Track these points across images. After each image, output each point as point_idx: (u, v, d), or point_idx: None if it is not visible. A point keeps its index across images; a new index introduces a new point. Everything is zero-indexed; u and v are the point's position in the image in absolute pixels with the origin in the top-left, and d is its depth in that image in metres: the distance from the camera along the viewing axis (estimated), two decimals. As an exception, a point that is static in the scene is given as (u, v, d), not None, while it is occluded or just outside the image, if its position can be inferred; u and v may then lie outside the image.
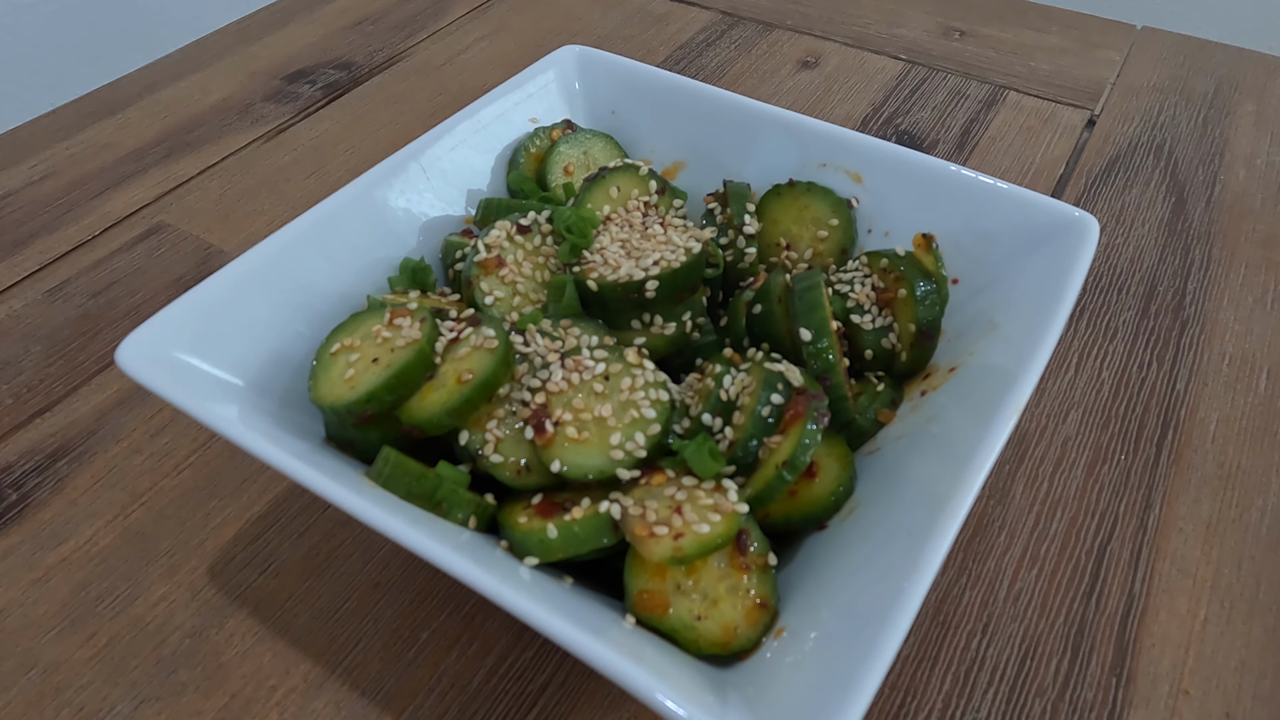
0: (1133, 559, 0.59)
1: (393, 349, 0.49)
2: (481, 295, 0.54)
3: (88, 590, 0.58)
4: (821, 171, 0.62)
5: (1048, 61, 1.05)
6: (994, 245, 0.58)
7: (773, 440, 0.46)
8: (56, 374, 0.72)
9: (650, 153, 0.69)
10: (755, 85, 1.02)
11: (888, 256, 0.56)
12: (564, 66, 0.69)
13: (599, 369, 0.47)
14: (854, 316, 0.56)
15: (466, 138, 0.64)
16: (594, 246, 0.55)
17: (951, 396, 0.51)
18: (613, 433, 0.45)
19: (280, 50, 1.09)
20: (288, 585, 0.57)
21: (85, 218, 0.87)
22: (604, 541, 0.44)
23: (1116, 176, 0.89)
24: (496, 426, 0.48)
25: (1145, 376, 0.70)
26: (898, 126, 0.96)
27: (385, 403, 0.47)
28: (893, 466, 0.49)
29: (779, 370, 0.48)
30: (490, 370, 0.47)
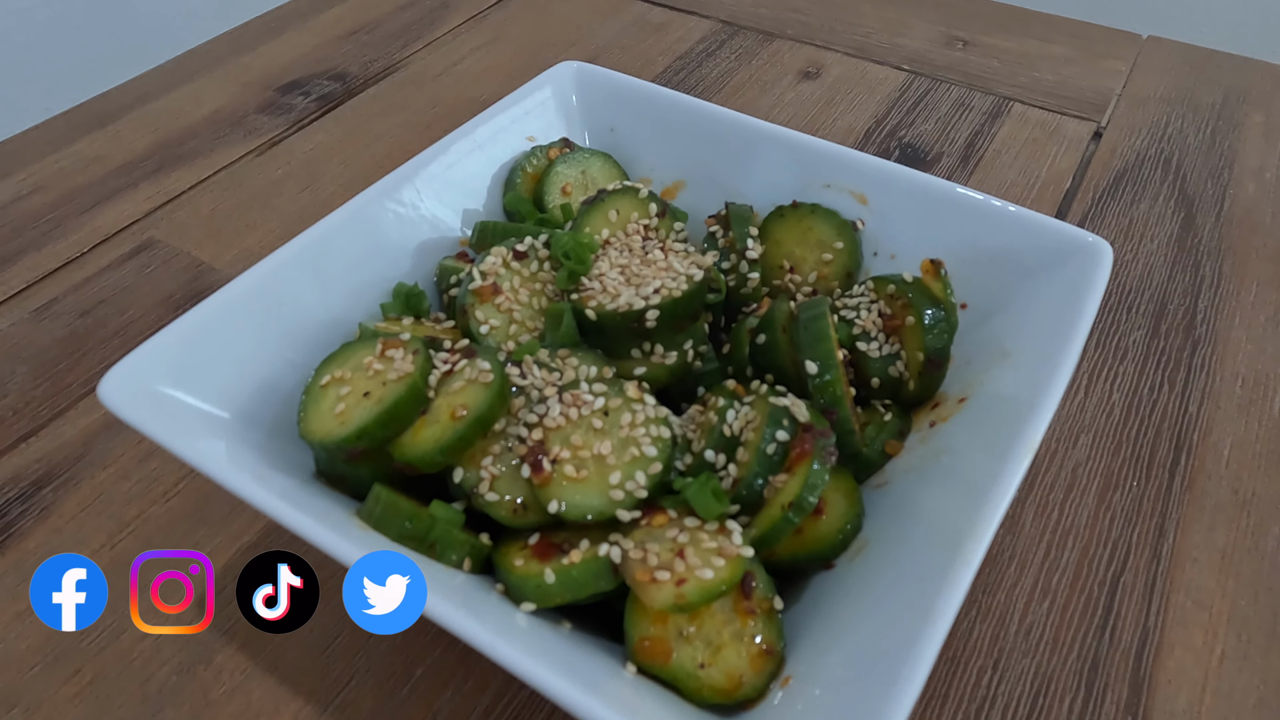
0: (1146, 591, 0.57)
1: (384, 382, 0.47)
2: (477, 324, 0.52)
3: (73, 623, 0.56)
4: (826, 192, 0.61)
5: (1052, 72, 1.04)
6: (1003, 269, 0.56)
7: (778, 479, 0.44)
8: (43, 397, 0.70)
9: (649, 171, 0.67)
10: (756, 96, 1.00)
11: (895, 282, 0.54)
12: (561, 83, 0.67)
13: (598, 404, 0.46)
14: (860, 344, 0.54)
15: (461, 157, 0.63)
16: (593, 272, 0.54)
17: (963, 428, 0.50)
18: (612, 471, 0.44)
19: (274, 60, 1.08)
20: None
21: (74, 233, 0.85)
22: (603, 586, 0.42)
23: (1124, 191, 0.88)
24: (492, 463, 0.46)
25: (1156, 399, 0.69)
26: (901, 139, 0.94)
27: (376, 439, 0.46)
28: (902, 502, 0.48)
29: (784, 405, 0.46)
30: (485, 406, 0.45)
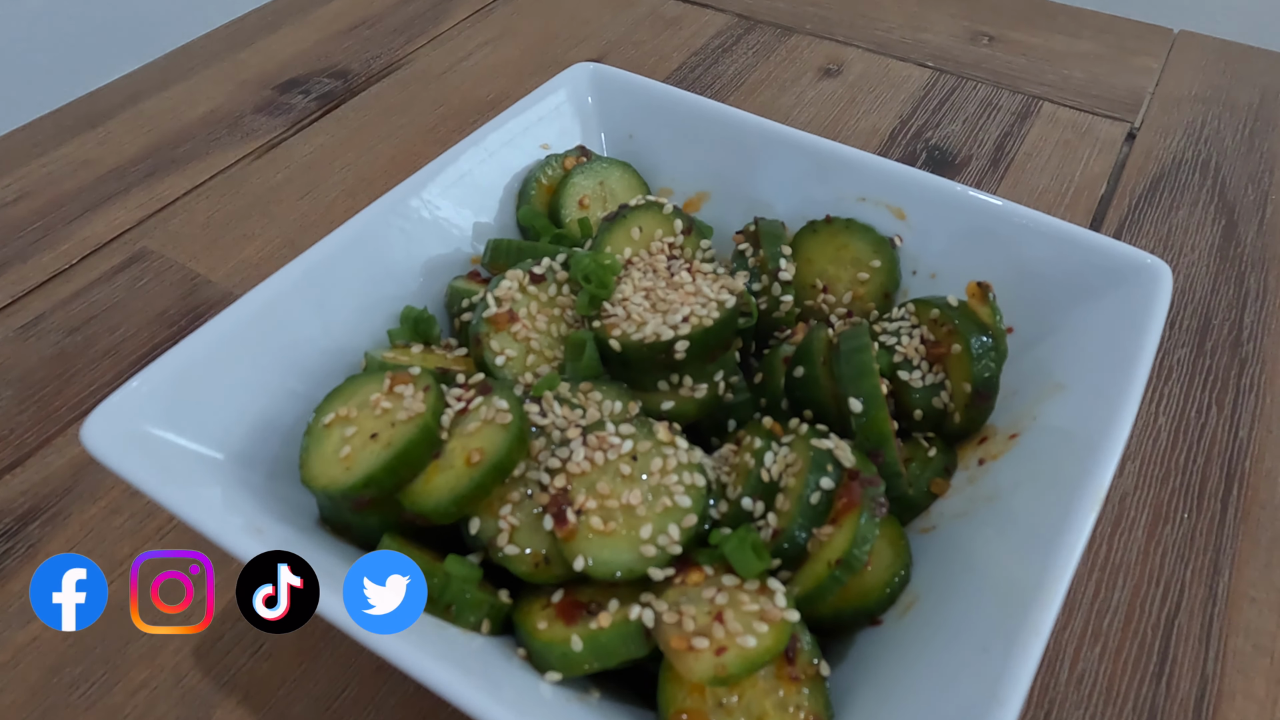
0: (1203, 634, 0.54)
1: (393, 423, 0.43)
2: (492, 355, 0.48)
3: (60, 675, 0.52)
4: (861, 206, 0.57)
5: (1082, 69, 0.99)
6: (1051, 291, 0.53)
7: (823, 531, 0.41)
8: (28, 423, 0.66)
9: (670, 182, 0.63)
10: (775, 95, 0.96)
11: (939, 306, 0.50)
12: (577, 86, 0.63)
13: (626, 447, 0.42)
14: (901, 373, 0.51)
15: (472, 168, 0.59)
16: (615, 296, 0.50)
17: (1016, 468, 0.46)
18: (643, 524, 0.40)
19: (272, 57, 1.03)
20: (281, 669, 0.52)
21: (62, 243, 0.81)
22: (635, 652, 0.39)
23: (1162, 196, 0.84)
24: (511, 512, 0.42)
25: (1205, 422, 0.65)
26: (928, 141, 0.90)
27: (385, 487, 0.42)
28: (953, 550, 0.44)
29: (827, 448, 0.42)
30: (503, 451, 0.41)
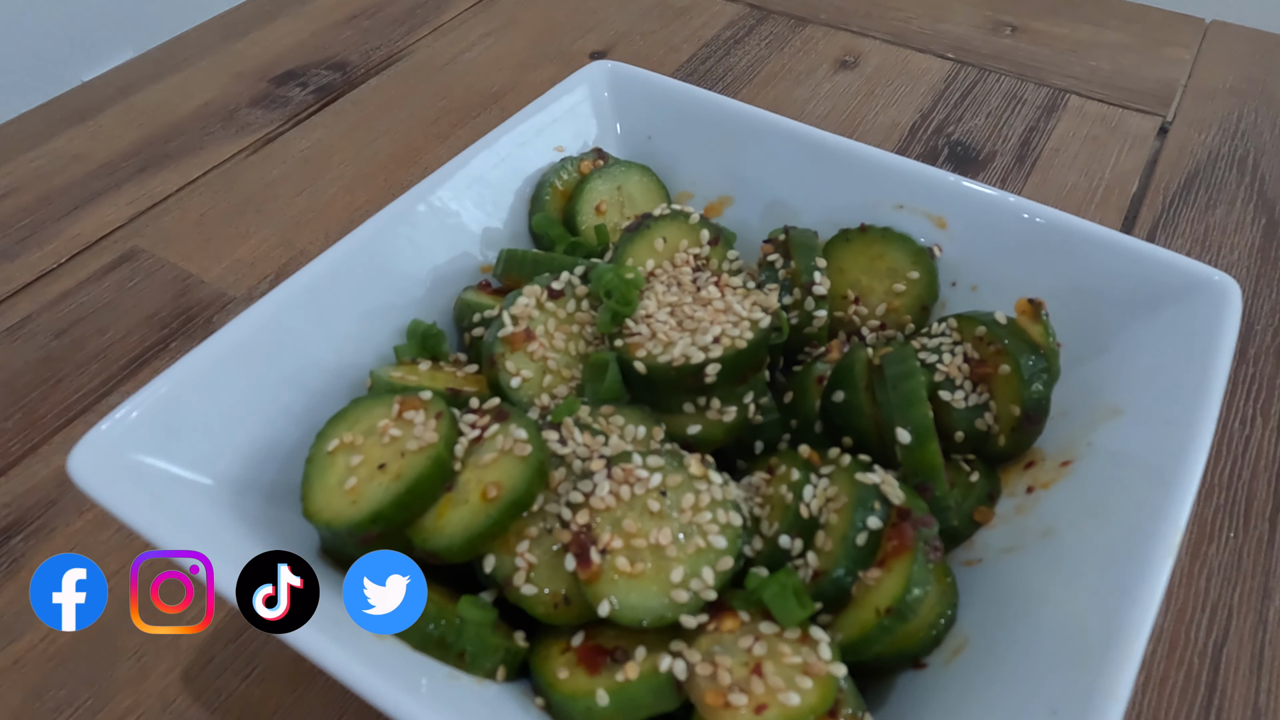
0: (1254, 664, 0.51)
1: (403, 453, 0.40)
2: (507, 376, 0.45)
3: (43, 699, 0.50)
4: (898, 214, 0.53)
5: (1109, 60, 0.96)
6: (1104, 308, 0.49)
7: (870, 575, 0.37)
8: (13, 430, 0.63)
9: (691, 186, 0.60)
10: (789, 88, 0.92)
11: (985, 323, 0.47)
12: (594, 85, 0.60)
13: (654, 481, 0.39)
14: (943, 393, 0.47)
15: (484, 172, 0.55)
16: (638, 313, 0.46)
17: (1073, 499, 0.43)
18: (674, 566, 0.37)
19: (268, 48, 1.00)
20: (274, 694, 0.50)
21: (50, 242, 0.78)
22: (665, 707, 0.36)
23: (1197, 194, 0.80)
24: (529, 549, 0.39)
25: (1249, 434, 0.62)
26: (950, 136, 0.87)
27: (394, 523, 0.39)
28: (1005, 589, 0.41)
29: (873, 483, 0.39)
30: (522, 486, 0.38)
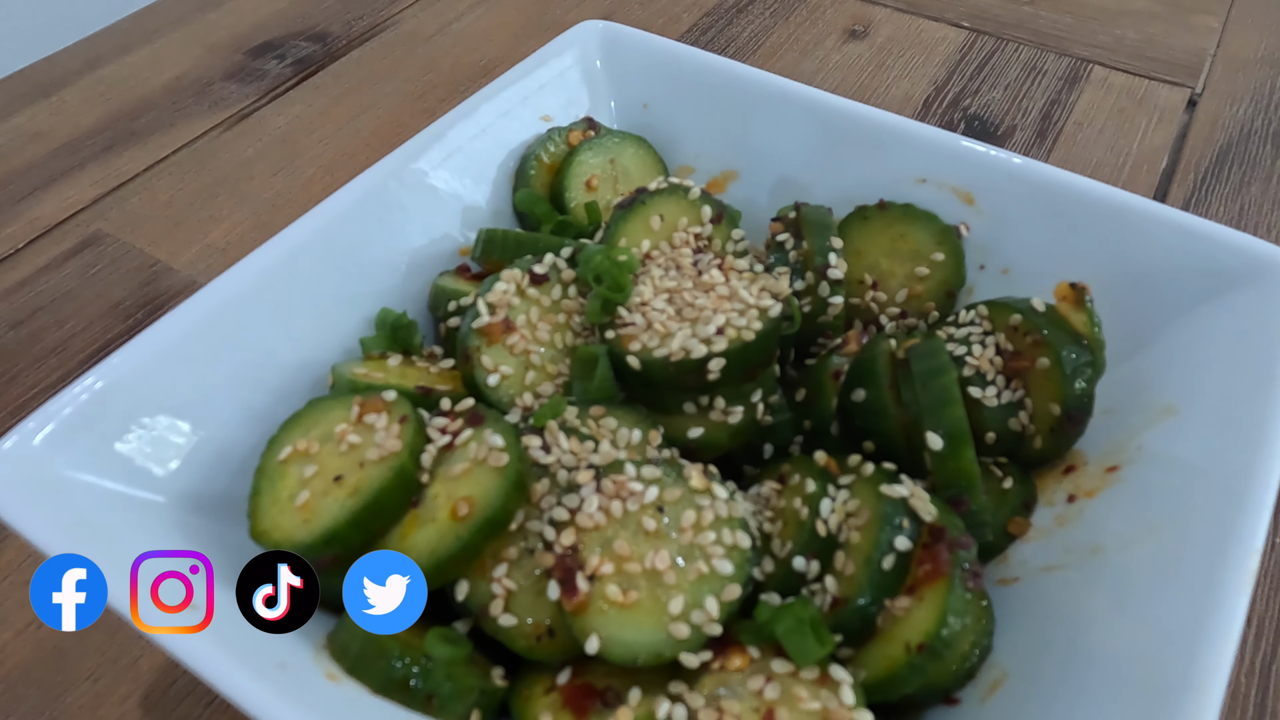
0: (1311, 684, 0.46)
1: (362, 463, 0.35)
2: (484, 373, 0.40)
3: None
4: (920, 189, 0.48)
5: (1135, 29, 0.91)
6: (1152, 293, 0.44)
7: (898, 603, 0.33)
8: (-38, 432, 0.58)
9: (693, 159, 0.55)
10: (796, 60, 0.87)
11: (1021, 311, 0.42)
12: (584, 48, 0.55)
13: (650, 495, 0.34)
14: (973, 389, 0.42)
15: (462, 144, 0.50)
16: (632, 300, 0.41)
17: (1124, 512, 0.38)
18: (672, 595, 0.32)
19: (244, 18, 0.95)
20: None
21: (8, 225, 0.73)
22: (664, 758, 0.31)
23: (1230, 170, 0.75)
24: (507, 573, 0.34)
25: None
26: (966, 110, 0.82)
27: (352, 544, 0.34)
28: (1048, 614, 0.36)
29: (901, 496, 0.34)
30: (497, 502, 0.33)
